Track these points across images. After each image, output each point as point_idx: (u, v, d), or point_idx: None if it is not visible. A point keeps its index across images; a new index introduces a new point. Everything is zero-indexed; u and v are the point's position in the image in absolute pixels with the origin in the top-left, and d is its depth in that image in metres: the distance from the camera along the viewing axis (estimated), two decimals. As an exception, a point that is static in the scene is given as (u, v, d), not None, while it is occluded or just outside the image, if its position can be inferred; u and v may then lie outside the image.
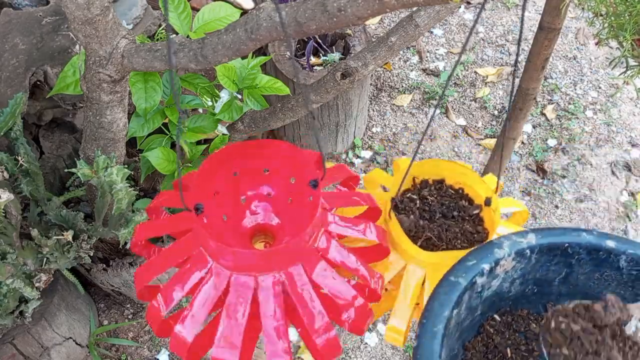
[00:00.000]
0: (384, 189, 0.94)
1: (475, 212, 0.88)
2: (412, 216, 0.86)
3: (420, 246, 0.83)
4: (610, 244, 0.67)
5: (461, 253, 0.80)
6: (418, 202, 0.89)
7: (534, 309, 0.75)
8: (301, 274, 0.64)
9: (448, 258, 0.80)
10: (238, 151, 0.73)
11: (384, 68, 2.29)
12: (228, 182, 0.73)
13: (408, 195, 0.90)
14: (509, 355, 0.73)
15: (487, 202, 0.87)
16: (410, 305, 0.81)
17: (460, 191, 0.91)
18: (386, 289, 0.87)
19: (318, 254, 0.65)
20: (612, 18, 0.74)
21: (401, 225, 0.82)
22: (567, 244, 0.68)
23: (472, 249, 0.67)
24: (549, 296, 0.74)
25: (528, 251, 0.67)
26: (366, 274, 0.69)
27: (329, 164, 0.76)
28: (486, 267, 0.65)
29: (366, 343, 1.63)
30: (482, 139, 2.09)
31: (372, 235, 0.71)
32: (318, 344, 0.63)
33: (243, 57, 1.33)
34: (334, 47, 1.85)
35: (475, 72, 2.28)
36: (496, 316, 0.74)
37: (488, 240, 0.82)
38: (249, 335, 0.66)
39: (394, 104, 2.19)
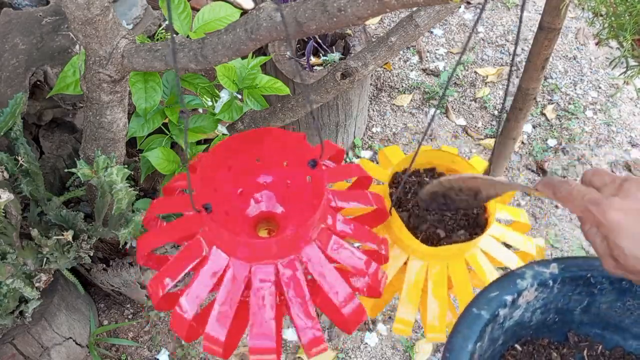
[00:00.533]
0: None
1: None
2: (427, 219, 0.87)
3: (422, 238, 0.84)
4: None
5: (461, 246, 0.81)
6: (414, 194, 0.90)
7: (554, 338, 0.75)
8: (317, 252, 0.65)
9: (449, 251, 0.81)
10: (228, 146, 0.74)
11: (384, 68, 2.29)
12: (224, 178, 0.74)
13: (405, 187, 0.91)
14: None
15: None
16: (416, 296, 0.83)
17: None
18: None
19: (328, 231, 0.67)
20: (612, 18, 0.74)
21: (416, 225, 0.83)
22: (589, 274, 0.68)
23: (494, 280, 0.67)
24: (570, 324, 0.74)
25: (551, 281, 0.67)
26: (373, 241, 0.71)
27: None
28: (509, 298, 0.65)
29: (366, 343, 1.63)
30: (482, 139, 2.09)
31: (370, 203, 0.73)
32: (345, 314, 0.65)
33: (243, 57, 1.33)
34: (334, 47, 1.85)
35: (475, 72, 2.28)
36: (517, 346, 0.74)
37: (488, 227, 0.83)
38: (240, 320, 0.68)
39: (394, 104, 2.19)
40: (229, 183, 0.75)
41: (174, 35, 1.21)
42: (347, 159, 2.04)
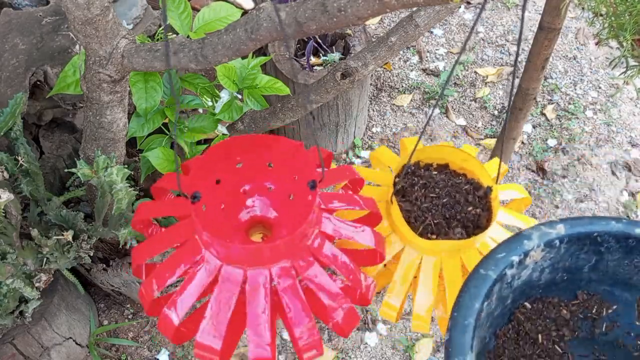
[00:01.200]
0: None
1: (480, 194, 0.89)
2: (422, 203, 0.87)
3: (423, 229, 0.85)
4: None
5: (455, 243, 0.81)
6: (421, 186, 0.90)
7: (564, 296, 0.76)
8: (291, 270, 0.65)
9: (442, 246, 0.82)
10: (245, 143, 0.73)
11: (384, 68, 2.29)
12: (231, 171, 0.74)
13: (412, 179, 0.91)
14: (540, 341, 0.74)
15: (488, 191, 0.88)
16: (404, 284, 0.84)
17: (464, 176, 0.92)
18: (385, 265, 0.89)
19: (310, 252, 0.66)
20: (612, 18, 0.74)
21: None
22: (596, 233, 0.68)
23: (501, 241, 0.68)
24: (579, 282, 0.75)
25: (557, 241, 0.68)
26: (358, 277, 0.70)
27: (332, 165, 0.76)
28: (515, 259, 0.66)
29: (366, 343, 1.63)
30: (482, 139, 2.09)
31: (366, 239, 0.72)
32: (299, 343, 0.65)
33: (243, 57, 1.33)
34: (334, 47, 1.85)
35: (475, 72, 2.28)
36: (527, 304, 0.75)
37: (490, 225, 0.83)
38: (235, 325, 0.67)
39: (394, 104, 2.19)
40: (233, 178, 0.75)
41: (169, 35, 1.21)
42: (347, 159, 2.04)
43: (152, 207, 0.76)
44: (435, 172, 0.92)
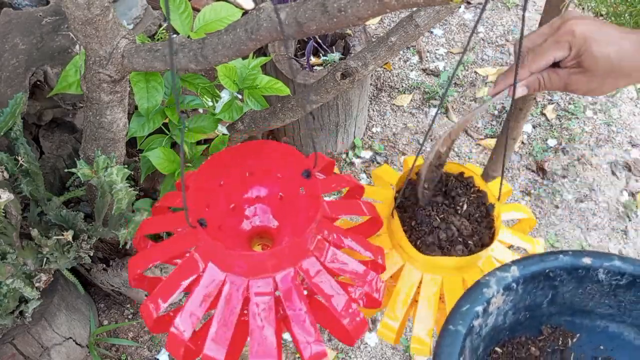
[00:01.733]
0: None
1: (482, 211, 0.88)
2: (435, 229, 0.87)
3: (424, 246, 0.84)
4: (587, 261, 0.72)
5: (458, 260, 0.81)
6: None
7: (530, 333, 0.79)
8: (296, 277, 0.65)
9: (444, 262, 0.81)
10: (219, 162, 0.72)
11: (384, 68, 2.29)
12: (216, 194, 0.73)
13: (414, 195, 0.90)
14: None
15: (490, 208, 0.87)
16: (405, 304, 0.82)
17: (469, 182, 0.91)
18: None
19: (325, 242, 0.67)
20: (613, 18, 0.74)
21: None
22: (548, 269, 0.72)
23: (463, 293, 0.70)
24: (541, 318, 0.78)
25: (514, 284, 0.71)
26: (368, 252, 0.71)
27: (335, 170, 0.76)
28: (479, 309, 0.68)
29: (366, 343, 1.63)
30: (482, 139, 2.09)
31: (364, 212, 0.73)
32: (346, 324, 0.66)
33: (243, 58, 1.33)
34: (334, 47, 1.85)
35: (476, 72, 2.28)
36: (497, 349, 0.77)
37: (492, 243, 0.83)
38: (240, 335, 0.67)
39: (394, 104, 2.19)
40: (220, 198, 0.74)
41: (175, 35, 1.21)
42: (347, 159, 2.04)
43: (155, 222, 0.75)
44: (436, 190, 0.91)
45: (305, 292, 0.67)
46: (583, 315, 0.78)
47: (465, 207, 0.88)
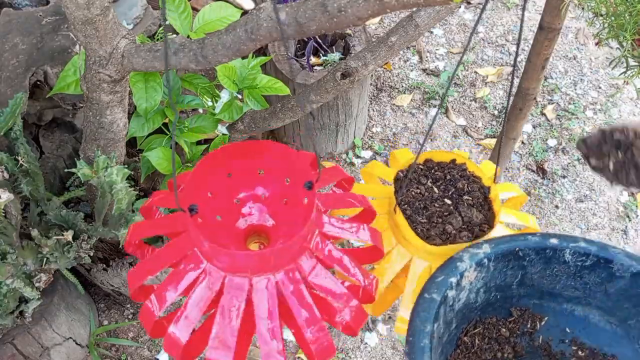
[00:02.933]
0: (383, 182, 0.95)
1: (479, 195, 0.88)
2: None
3: (429, 237, 0.84)
4: (554, 241, 0.75)
5: (464, 246, 0.81)
6: (422, 193, 0.90)
7: (500, 315, 0.82)
8: (296, 274, 0.64)
9: (452, 251, 0.81)
10: (233, 152, 0.73)
11: (384, 68, 2.29)
12: (222, 183, 0.73)
13: (412, 187, 0.91)
14: None
15: (487, 191, 0.88)
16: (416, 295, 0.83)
17: (463, 171, 0.92)
18: (392, 281, 0.88)
19: (312, 255, 0.66)
20: (612, 18, 0.74)
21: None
22: (517, 248, 0.75)
23: (438, 266, 0.73)
24: (511, 299, 0.81)
25: (486, 260, 0.74)
26: (360, 276, 0.69)
27: (326, 164, 0.76)
28: (453, 280, 0.71)
29: (366, 343, 1.63)
30: (482, 139, 2.09)
31: (365, 237, 0.72)
32: (311, 347, 0.64)
33: (243, 57, 1.33)
34: (334, 47, 1.85)
35: (476, 72, 2.28)
36: (469, 328, 0.80)
37: (494, 227, 0.84)
38: (243, 336, 0.66)
39: (394, 104, 2.19)
40: (225, 189, 0.74)
41: (169, 36, 1.21)
42: (347, 159, 2.04)
43: (144, 226, 0.74)
44: (432, 179, 0.92)
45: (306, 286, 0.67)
46: (551, 298, 0.80)
47: (465, 193, 0.89)
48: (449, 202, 0.88)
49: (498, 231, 0.86)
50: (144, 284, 0.69)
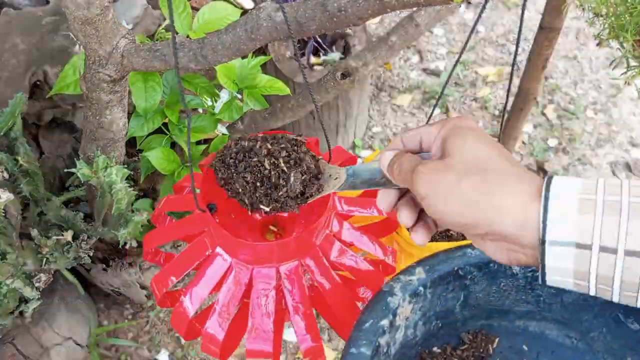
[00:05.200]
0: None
1: None
2: None
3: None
4: None
5: (456, 244, 0.81)
6: None
7: (444, 343, 0.71)
8: (320, 257, 0.65)
9: (442, 246, 0.81)
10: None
11: (384, 68, 2.28)
12: None
13: None
14: None
15: None
16: None
17: None
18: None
19: (333, 236, 0.67)
20: (613, 19, 0.74)
21: None
22: (456, 267, 0.64)
23: (365, 306, 0.62)
24: (455, 324, 0.70)
25: (421, 288, 0.62)
26: (380, 250, 0.70)
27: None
28: (385, 323, 0.59)
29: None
30: (482, 139, 2.09)
31: (380, 211, 0.73)
32: (347, 322, 0.64)
33: (243, 57, 1.33)
34: (334, 47, 1.85)
35: (476, 72, 2.28)
36: None
37: None
38: (277, 323, 0.67)
39: (394, 104, 2.19)
40: None
41: (173, 38, 1.20)
42: (348, 159, 2.04)
43: (158, 234, 0.76)
44: None
45: (309, 283, 0.68)
46: (500, 316, 0.70)
47: None
48: None
49: None
50: (169, 290, 0.70)
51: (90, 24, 0.93)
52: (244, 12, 1.24)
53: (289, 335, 1.63)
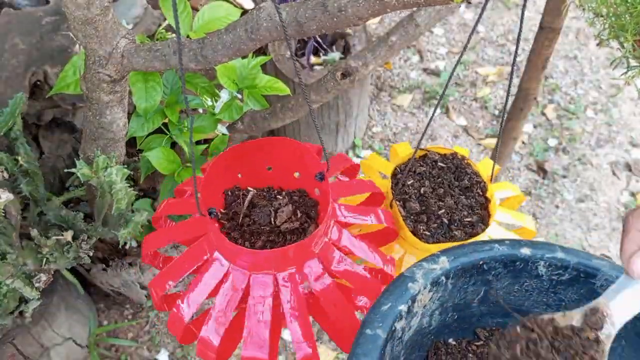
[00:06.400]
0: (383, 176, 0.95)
1: (475, 193, 0.88)
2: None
3: (423, 234, 0.84)
4: (526, 251, 0.63)
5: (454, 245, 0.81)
6: (417, 189, 0.90)
7: (457, 336, 0.70)
8: (319, 266, 0.65)
9: (441, 249, 0.81)
10: (240, 152, 0.73)
11: (384, 68, 2.28)
12: (234, 183, 0.74)
13: (411, 182, 0.91)
14: None
15: (483, 189, 0.88)
16: None
17: (461, 165, 0.91)
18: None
19: (332, 244, 0.67)
20: (613, 19, 0.74)
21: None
22: (481, 261, 0.62)
23: (385, 288, 0.60)
24: (470, 319, 0.69)
25: (443, 278, 0.61)
26: (379, 259, 0.70)
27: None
28: (403, 308, 0.57)
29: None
30: (482, 139, 2.09)
31: (377, 220, 0.72)
32: (343, 331, 0.65)
33: (243, 57, 1.33)
34: (334, 47, 1.85)
35: (476, 72, 2.28)
36: (429, 355, 0.68)
37: (489, 225, 0.83)
38: (274, 330, 0.67)
39: (394, 104, 2.19)
40: (242, 187, 0.75)
41: (172, 36, 1.21)
42: (348, 159, 2.04)
43: (157, 237, 0.76)
44: (430, 176, 0.92)
45: (307, 291, 0.67)
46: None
47: (463, 190, 0.89)
48: (445, 199, 0.88)
49: (493, 230, 0.86)
50: (167, 293, 0.70)
51: (90, 24, 0.93)
52: (244, 12, 1.24)
53: (288, 335, 1.63)
